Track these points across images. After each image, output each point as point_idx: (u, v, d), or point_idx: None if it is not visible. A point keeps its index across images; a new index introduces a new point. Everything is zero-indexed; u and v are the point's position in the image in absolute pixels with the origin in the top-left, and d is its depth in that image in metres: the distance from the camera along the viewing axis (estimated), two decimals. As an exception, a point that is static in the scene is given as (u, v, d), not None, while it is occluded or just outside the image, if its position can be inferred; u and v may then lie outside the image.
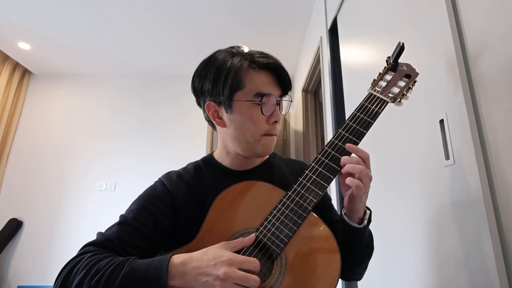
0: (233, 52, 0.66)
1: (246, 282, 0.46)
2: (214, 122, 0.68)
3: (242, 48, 0.67)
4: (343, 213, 0.61)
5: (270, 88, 0.64)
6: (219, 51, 0.68)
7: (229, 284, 0.45)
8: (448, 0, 0.72)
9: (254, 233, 0.54)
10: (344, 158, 0.55)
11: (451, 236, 0.68)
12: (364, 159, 0.56)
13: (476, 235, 0.60)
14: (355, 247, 0.61)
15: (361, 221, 0.59)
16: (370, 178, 0.56)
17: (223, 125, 0.67)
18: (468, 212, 0.62)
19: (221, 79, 0.63)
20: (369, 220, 0.61)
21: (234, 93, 0.63)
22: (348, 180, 0.54)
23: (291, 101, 0.70)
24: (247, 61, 0.63)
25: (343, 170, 0.55)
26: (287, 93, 0.68)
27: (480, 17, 0.64)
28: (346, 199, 0.58)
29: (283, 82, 0.66)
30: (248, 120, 0.63)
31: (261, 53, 0.66)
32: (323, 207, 0.73)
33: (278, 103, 0.66)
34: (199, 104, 0.71)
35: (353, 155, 0.57)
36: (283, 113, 0.69)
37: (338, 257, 0.53)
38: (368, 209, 0.62)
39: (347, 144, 0.56)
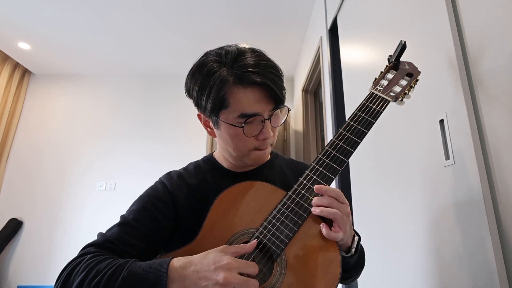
0: (221, 58, 0.60)
1: (245, 286, 0.45)
2: (206, 131, 0.69)
3: (232, 53, 0.60)
4: None
5: (257, 106, 0.59)
6: (208, 54, 0.63)
7: None
8: (448, 0, 0.72)
9: (255, 240, 0.53)
10: (315, 200, 0.54)
11: (451, 236, 0.68)
12: (336, 198, 0.55)
13: (476, 235, 0.60)
14: (343, 267, 0.59)
15: (348, 249, 0.59)
16: (348, 215, 0.55)
17: (214, 135, 0.67)
18: (468, 212, 0.62)
19: (204, 96, 0.60)
20: (357, 249, 0.60)
21: (219, 111, 0.60)
22: (324, 212, 0.53)
23: (289, 110, 0.66)
24: (233, 76, 0.58)
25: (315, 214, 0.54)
26: (280, 106, 0.62)
27: (480, 17, 0.64)
28: None
29: (275, 96, 0.60)
30: (235, 139, 0.62)
31: (254, 64, 0.59)
32: None
33: (269, 118, 0.61)
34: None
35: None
36: (277, 125, 0.64)
37: (339, 257, 0.53)
38: (358, 235, 0.62)
39: (315, 186, 0.55)
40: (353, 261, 0.60)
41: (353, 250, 0.59)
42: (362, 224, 1.23)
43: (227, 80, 0.58)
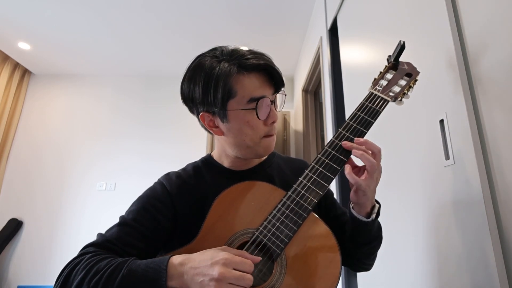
0: (217, 55, 0.63)
1: (241, 281, 0.46)
2: (211, 131, 0.67)
3: (226, 50, 0.63)
4: (351, 207, 0.61)
5: (262, 90, 0.62)
6: (202, 56, 0.65)
7: (224, 284, 0.45)
8: (448, 0, 0.72)
9: (260, 258, 0.52)
10: (356, 140, 0.56)
11: (451, 236, 0.68)
12: (376, 153, 0.56)
13: (476, 234, 0.60)
14: (364, 239, 0.62)
15: (368, 215, 0.60)
16: (380, 173, 0.56)
17: (221, 133, 0.66)
18: (468, 212, 0.62)
19: (211, 90, 0.60)
20: (377, 214, 0.61)
21: (227, 102, 0.60)
22: (364, 157, 0.54)
23: (285, 95, 0.68)
24: (235, 66, 0.60)
25: (353, 152, 0.55)
26: (280, 90, 0.66)
27: (480, 17, 0.64)
28: (351, 193, 0.58)
29: (275, 80, 0.64)
30: (246, 127, 0.62)
31: (249, 52, 0.62)
32: (326, 203, 0.73)
33: (273, 102, 0.64)
34: (192, 112, 0.69)
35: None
36: (278, 110, 0.67)
37: (339, 257, 0.53)
38: (378, 202, 0.62)
39: (356, 139, 0.56)
40: (374, 230, 0.61)
41: (373, 216, 0.59)
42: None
43: (231, 69, 0.60)
